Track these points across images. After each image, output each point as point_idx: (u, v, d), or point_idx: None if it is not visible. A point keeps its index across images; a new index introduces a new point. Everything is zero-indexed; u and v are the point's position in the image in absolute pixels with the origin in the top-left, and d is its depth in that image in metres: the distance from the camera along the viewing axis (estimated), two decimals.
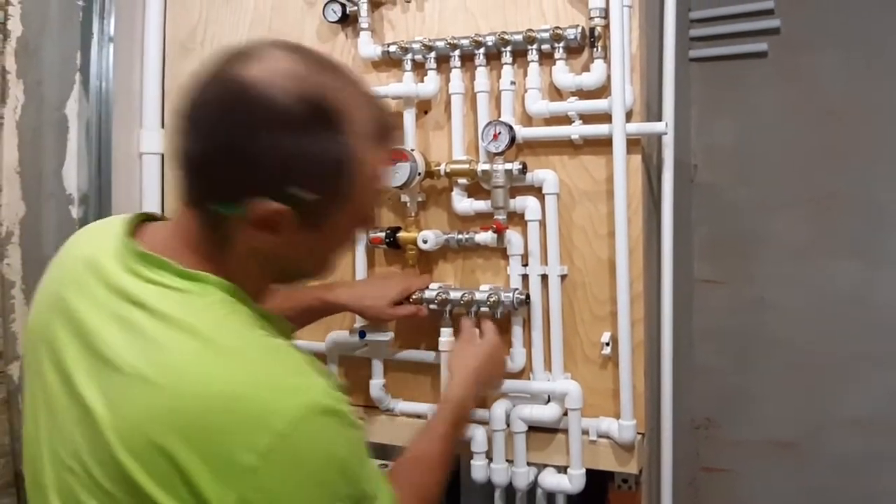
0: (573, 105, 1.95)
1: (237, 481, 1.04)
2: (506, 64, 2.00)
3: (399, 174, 1.98)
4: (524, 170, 1.94)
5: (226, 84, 1.15)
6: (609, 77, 1.91)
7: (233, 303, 1.19)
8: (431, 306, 2.00)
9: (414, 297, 2.02)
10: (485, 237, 2.00)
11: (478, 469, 2.00)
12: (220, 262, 1.21)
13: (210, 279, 1.18)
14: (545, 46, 1.96)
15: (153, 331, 1.13)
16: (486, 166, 1.95)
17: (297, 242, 1.20)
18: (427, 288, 2.02)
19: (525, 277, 2.01)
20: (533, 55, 1.97)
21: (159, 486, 1.05)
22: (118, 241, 1.22)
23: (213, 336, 1.13)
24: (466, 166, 1.99)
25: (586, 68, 1.97)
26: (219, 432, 1.05)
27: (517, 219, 2.02)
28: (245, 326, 1.17)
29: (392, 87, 2.10)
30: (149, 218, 1.31)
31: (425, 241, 2.02)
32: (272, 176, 1.12)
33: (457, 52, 2.03)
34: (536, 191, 1.99)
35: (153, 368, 1.10)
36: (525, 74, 2.00)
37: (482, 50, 2.01)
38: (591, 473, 1.96)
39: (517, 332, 2.02)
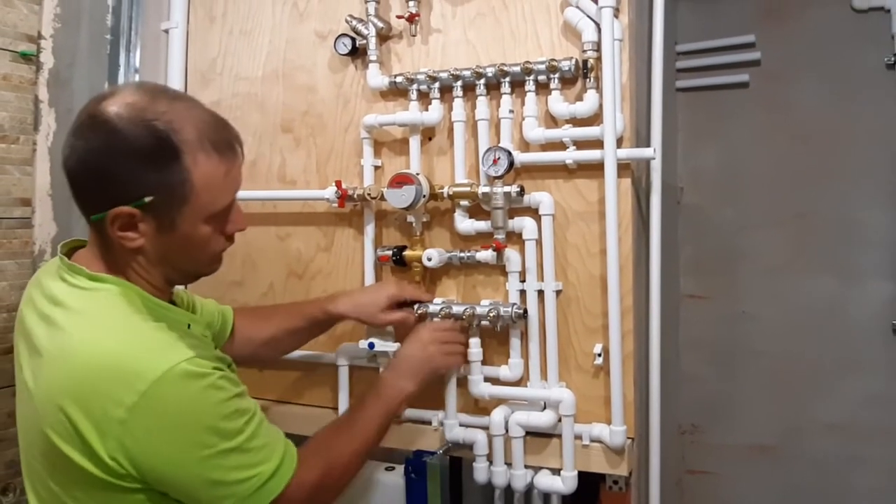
0: (567, 132, 1.95)
1: (113, 431, 1.25)
2: (505, 94, 2.00)
3: (405, 196, 1.98)
4: (522, 192, 1.94)
5: (85, 117, 1.36)
6: (601, 106, 1.91)
7: (126, 296, 1.39)
8: (436, 320, 2.00)
9: (419, 310, 2.02)
10: (485, 255, 2.00)
11: (479, 471, 1.99)
12: (118, 265, 1.42)
13: (110, 279, 1.40)
14: (541, 77, 1.97)
15: (62, 321, 1.35)
16: (487, 189, 1.95)
17: (164, 242, 1.40)
18: (423, 301, 2.03)
19: (523, 293, 2.00)
20: (530, 85, 1.98)
21: (66, 442, 1.28)
22: (57, 260, 1.45)
23: (98, 319, 1.35)
24: (468, 189, 1.99)
25: (580, 98, 1.97)
26: (95, 391, 1.26)
27: (515, 238, 2.01)
28: (129, 313, 1.37)
29: (399, 115, 2.10)
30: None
31: (430, 259, 2.02)
32: (120, 185, 1.33)
33: (459, 83, 2.03)
34: (533, 212, 1.99)
35: (56, 348, 1.33)
36: (523, 103, 2.00)
37: (483, 81, 2.01)
38: (584, 475, 1.96)
39: (515, 343, 2.01)
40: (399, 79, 2.10)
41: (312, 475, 1.47)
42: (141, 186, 1.32)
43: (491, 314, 1.95)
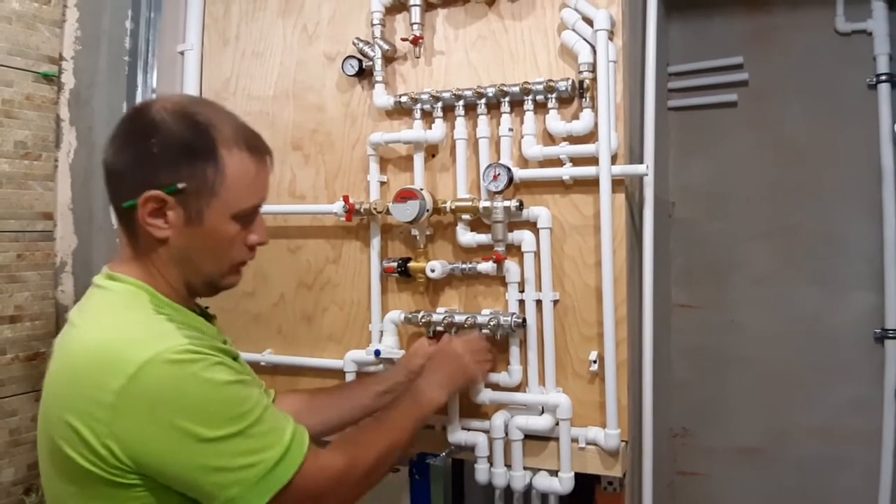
0: (564, 149, 1.96)
1: (103, 417, 1.19)
2: (504, 112, 2.02)
3: (409, 211, 1.99)
4: (521, 207, 1.95)
5: (128, 115, 1.41)
6: (596, 124, 1.92)
7: (134, 293, 1.35)
8: (438, 328, 2.01)
9: (423, 319, 2.03)
10: (486, 267, 2.00)
11: (480, 472, 2.00)
12: (141, 263, 1.39)
13: (125, 279, 1.37)
14: (539, 97, 1.98)
15: (76, 320, 1.35)
16: (487, 203, 1.96)
17: (190, 236, 1.36)
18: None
19: (521, 302, 2.01)
20: (528, 105, 1.99)
21: (65, 441, 1.23)
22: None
23: (101, 313, 1.34)
24: (469, 203, 2.00)
25: (576, 116, 1.98)
26: (85, 378, 1.22)
27: (515, 250, 2.02)
28: (131, 306, 1.34)
29: (403, 133, 2.11)
30: None
31: (433, 271, 2.03)
32: (155, 172, 1.32)
33: (461, 102, 2.05)
34: (532, 225, 2.00)
35: (60, 344, 1.33)
36: (521, 122, 2.02)
37: (483, 100, 2.02)
38: (580, 476, 1.96)
39: (514, 351, 2.02)
40: (404, 98, 2.11)
41: (336, 464, 1.40)
42: (175, 174, 1.31)
43: (491, 323, 1.96)
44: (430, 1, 2.14)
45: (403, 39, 2.14)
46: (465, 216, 2.04)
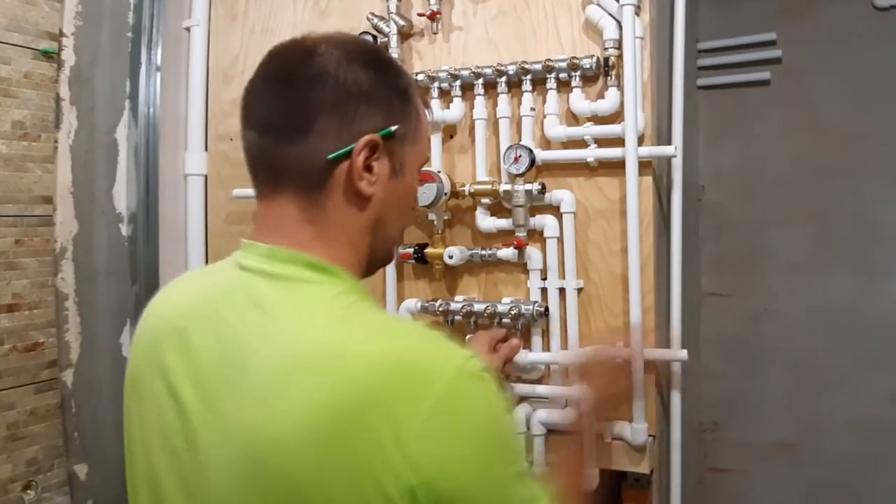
0: (589, 130, 1.95)
1: (407, 450, 0.93)
2: (526, 91, 2.01)
3: (427, 194, 1.99)
4: (543, 190, 1.95)
5: (301, 45, 1.19)
6: (622, 104, 1.92)
7: (359, 292, 1.12)
8: (457, 318, 2.01)
9: (440, 308, 2.03)
10: (506, 253, 2.00)
11: None
12: (337, 245, 1.15)
13: (337, 272, 1.12)
14: (563, 75, 1.97)
15: (287, 326, 1.05)
16: (508, 187, 1.96)
17: (390, 191, 1.17)
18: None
19: (544, 290, 2.02)
20: (551, 83, 1.99)
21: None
22: (235, 261, 1.16)
23: (352, 320, 1.06)
24: (489, 187, 2.00)
25: (601, 95, 1.98)
26: (379, 404, 0.95)
27: (536, 236, 2.02)
28: (374, 311, 1.11)
29: None
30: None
31: (451, 257, 2.03)
32: (375, 111, 1.13)
33: (480, 81, 2.05)
34: (554, 210, 2.00)
35: (304, 358, 1.01)
36: (544, 101, 2.01)
37: (504, 78, 2.02)
38: (605, 473, 1.96)
39: (537, 341, 2.02)
40: (420, 76, 2.11)
41: None
42: (389, 115, 1.15)
43: (512, 312, 1.96)
44: None
45: (420, 14, 2.14)
46: (485, 200, 2.05)
